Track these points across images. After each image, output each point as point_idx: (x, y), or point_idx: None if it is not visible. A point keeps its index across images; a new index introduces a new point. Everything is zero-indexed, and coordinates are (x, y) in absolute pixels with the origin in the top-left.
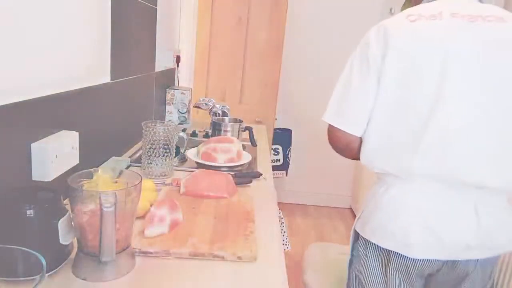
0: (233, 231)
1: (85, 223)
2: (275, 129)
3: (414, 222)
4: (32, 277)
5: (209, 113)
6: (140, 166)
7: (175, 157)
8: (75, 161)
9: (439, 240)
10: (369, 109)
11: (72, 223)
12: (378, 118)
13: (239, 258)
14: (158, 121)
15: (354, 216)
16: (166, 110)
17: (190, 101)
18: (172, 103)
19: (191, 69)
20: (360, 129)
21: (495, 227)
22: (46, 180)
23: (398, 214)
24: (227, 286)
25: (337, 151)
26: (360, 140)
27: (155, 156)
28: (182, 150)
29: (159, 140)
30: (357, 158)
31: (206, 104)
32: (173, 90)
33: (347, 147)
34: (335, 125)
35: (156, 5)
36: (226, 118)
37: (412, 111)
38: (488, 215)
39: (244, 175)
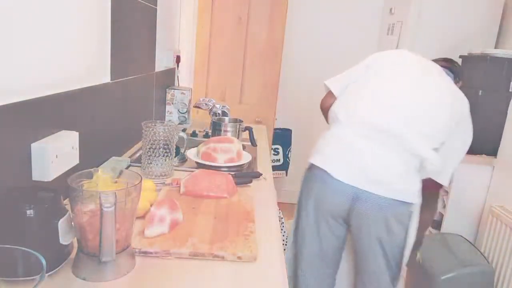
0: (233, 231)
1: (85, 223)
2: (275, 129)
3: (336, 149)
4: (32, 277)
5: (209, 113)
6: (140, 166)
7: (175, 157)
8: (75, 161)
9: (350, 168)
10: (352, 80)
11: (72, 223)
12: (353, 85)
13: (239, 258)
14: (158, 121)
15: None
16: (166, 110)
17: (190, 101)
18: (172, 103)
19: (191, 69)
20: (340, 93)
21: (398, 175)
22: (46, 180)
23: (330, 143)
24: (227, 286)
25: (322, 108)
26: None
27: (155, 156)
28: (182, 150)
29: (159, 140)
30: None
31: (206, 104)
32: (173, 90)
33: (327, 105)
34: (330, 87)
35: (156, 5)
36: (226, 118)
37: (374, 83)
38: (398, 164)
39: (244, 175)
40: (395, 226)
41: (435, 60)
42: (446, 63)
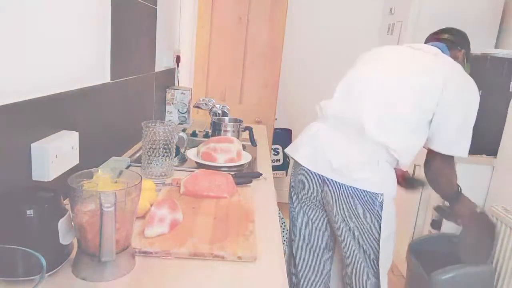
0: (233, 231)
1: (85, 223)
2: (275, 129)
3: (305, 140)
4: (32, 277)
5: (209, 113)
6: (140, 166)
7: (175, 157)
8: (75, 161)
9: (316, 157)
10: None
11: (72, 223)
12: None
13: (239, 258)
14: (158, 121)
15: None
16: (166, 110)
17: (190, 101)
18: (172, 103)
19: (191, 69)
20: None
21: (358, 165)
22: (46, 180)
23: (301, 134)
24: (227, 286)
25: None
26: None
27: (155, 156)
28: (182, 150)
29: (159, 140)
30: None
31: (206, 104)
32: (173, 90)
33: None
34: None
35: (156, 5)
36: (226, 118)
37: (344, 79)
38: (358, 154)
39: (244, 175)
40: (363, 215)
41: (434, 32)
42: (442, 34)
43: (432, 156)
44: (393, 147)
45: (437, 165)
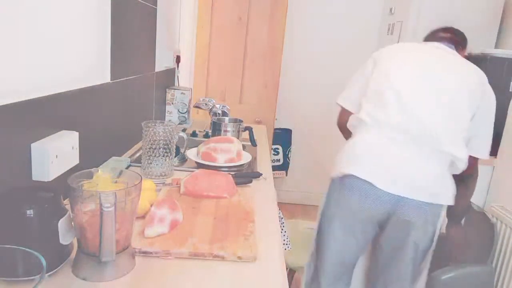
0: (233, 231)
1: (85, 223)
2: (275, 129)
3: (375, 159)
4: (32, 277)
5: (209, 113)
6: (140, 166)
7: (175, 157)
8: (75, 161)
9: (391, 176)
10: (363, 84)
11: (72, 223)
12: (371, 89)
13: (239, 258)
14: (158, 121)
15: None
16: (166, 110)
17: (190, 101)
18: (172, 103)
19: (191, 69)
20: (355, 107)
21: (434, 179)
22: (46, 180)
23: (367, 152)
24: (227, 286)
25: (339, 126)
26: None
27: (155, 156)
28: (182, 150)
29: (159, 140)
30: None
31: (206, 104)
32: (173, 90)
33: (344, 122)
34: (343, 106)
35: (156, 5)
36: (226, 118)
37: (392, 83)
38: (434, 167)
39: (244, 175)
40: (429, 228)
41: (435, 31)
42: (445, 33)
43: (471, 158)
44: (460, 156)
45: (475, 168)
